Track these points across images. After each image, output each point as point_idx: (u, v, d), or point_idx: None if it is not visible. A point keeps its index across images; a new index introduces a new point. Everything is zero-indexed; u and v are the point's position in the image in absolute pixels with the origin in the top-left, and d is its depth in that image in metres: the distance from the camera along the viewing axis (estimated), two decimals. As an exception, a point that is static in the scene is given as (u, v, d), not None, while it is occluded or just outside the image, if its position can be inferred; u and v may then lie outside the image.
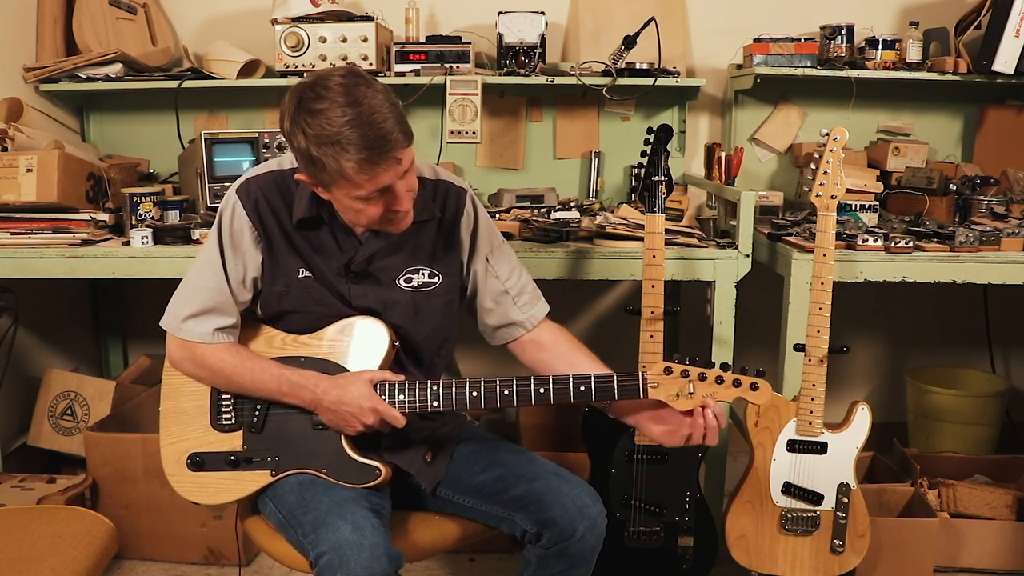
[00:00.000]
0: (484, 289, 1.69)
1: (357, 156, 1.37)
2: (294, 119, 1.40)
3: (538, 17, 2.65)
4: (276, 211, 1.56)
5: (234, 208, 1.56)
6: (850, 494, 2.01)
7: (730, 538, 2.05)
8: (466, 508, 1.65)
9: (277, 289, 1.58)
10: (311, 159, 1.40)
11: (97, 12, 2.66)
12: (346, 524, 1.41)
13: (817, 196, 1.97)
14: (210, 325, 1.56)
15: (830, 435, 2.02)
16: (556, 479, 1.59)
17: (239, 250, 1.57)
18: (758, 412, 2.02)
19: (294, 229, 1.56)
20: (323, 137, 1.37)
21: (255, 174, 1.59)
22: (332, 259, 1.58)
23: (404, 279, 1.61)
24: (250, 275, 1.58)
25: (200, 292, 1.56)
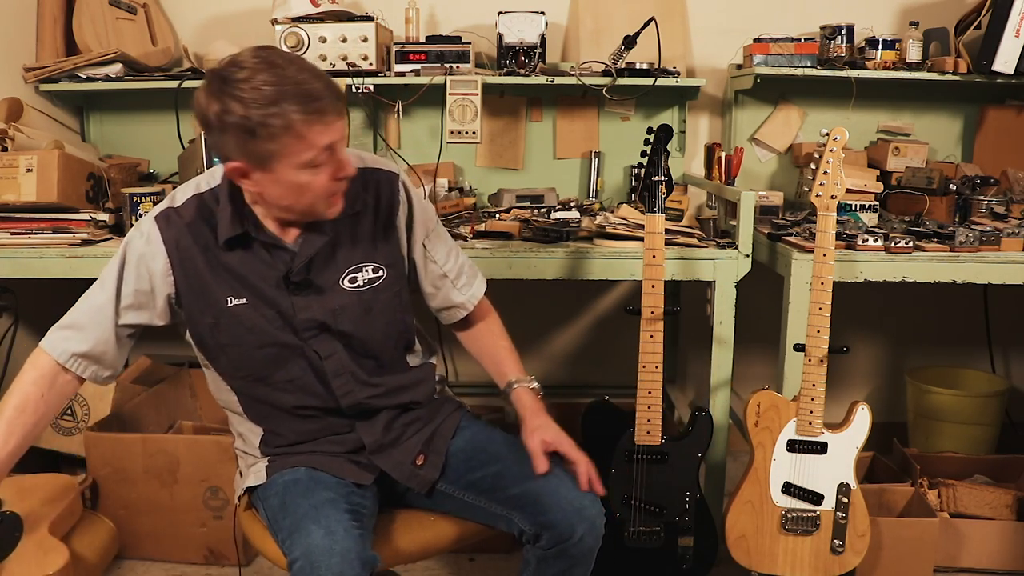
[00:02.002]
0: (424, 274, 1.68)
1: (303, 107, 1.31)
2: (221, 95, 1.32)
3: (538, 17, 2.65)
4: (200, 238, 1.50)
5: (148, 236, 1.49)
6: (850, 494, 2.00)
7: (730, 538, 2.05)
8: (464, 504, 1.64)
9: (207, 321, 1.53)
10: (250, 130, 1.32)
11: (97, 12, 2.66)
12: (319, 529, 1.40)
13: (817, 196, 1.97)
14: (70, 345, 1.51)
15: (830, 435, 2.02)
16: (555, 479, 1.56)
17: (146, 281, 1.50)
18: (758, 412, 2.02)
19: (222, 252, 1.50)
20: (263, 99, 1.30)
21: (174, 204, 1.52)
22: (268, 274, 1.52)
23: (348, 280, 1.56)
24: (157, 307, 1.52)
25: (82, 307, 1.52)
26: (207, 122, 1.37)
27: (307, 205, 1.45)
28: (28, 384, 1.51)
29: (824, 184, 1.97)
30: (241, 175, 1.41)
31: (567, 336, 3.13)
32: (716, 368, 2.26)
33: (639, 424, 2.07)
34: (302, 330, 1.55)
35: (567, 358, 3.14)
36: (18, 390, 1.51)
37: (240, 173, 1.40)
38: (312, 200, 1.43)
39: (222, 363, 1.59)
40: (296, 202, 1.44)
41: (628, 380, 2.12)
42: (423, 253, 1.66)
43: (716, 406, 2.26)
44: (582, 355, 3.14)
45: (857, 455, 2.02)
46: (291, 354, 1.56)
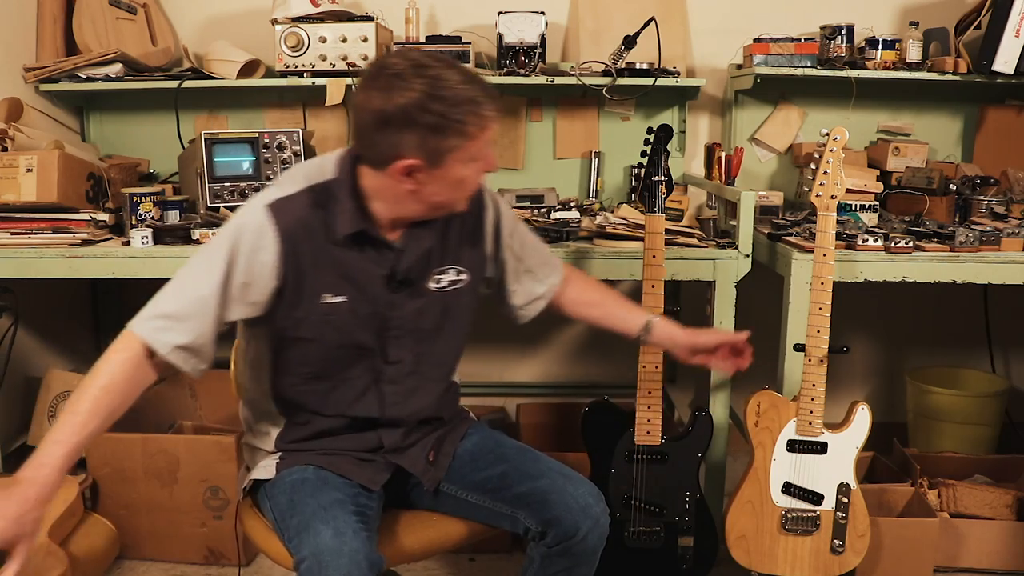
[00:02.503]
0: (512, 274, 1.71)
1: (485, 105, 1.37)
2: (410, 89, 1.33)
3: (538, 17, 2.65)
4: (311, 231, 1.46)
5: (260, 227, 1.44)
6: (850, 494, 2.01)
7: (730, 538, 2.05)
8: (468, 504, 1.65)
9: (296, 315, 1.50)
10: (440, 127, 1.35)
11: (97, 12, 2.66)
12: (327, 529, 1.40)
13: (817, 196, 1.97)
14: (172, 337, 1.41)
15: (830, 435, 2.02)
16: (561, 478, 1.59)
17: (251, 273, 1.45)
18: (758, 412, 2.02)
19: (332, 247, 1.48)
20: (457, 97, 1.34)
21: (286, 193, 1.47)
22: (374, 272, 1.52)
23: (434, 280, 1.58)
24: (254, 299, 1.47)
25: (183, 296, 1.44)
26: (386, 118, 1.36)
27: (453, 200, 1.48)
28: (117, 365, 1.40)
29: (824, 184, 1.97)
30: (407, 172, 1.40)
31: (567, 336, 3.13)
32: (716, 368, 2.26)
33: (639, 424, 2.07)
34: (389, 329, 1.56)
35: (567, 358, 3.14)
36: (105, 370, 1.39)
37: (407, 171, 1.40)
38: (460, 195, 1.48)
39: (290, 355, 1.55)
40: (448, 198, 1.47)
41: (628, 380, 2.12)
42: (511, 253, 1.69)
43: (716, 406, 2.26)
44: (582, 355, 3.13)
45: (857, 455, 2.02)
46: (362, 356, 1.57)
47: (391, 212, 1.49)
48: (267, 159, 2.41)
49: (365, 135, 1.41)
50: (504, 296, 1.74)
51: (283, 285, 1.47)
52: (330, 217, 1.47)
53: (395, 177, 1.42)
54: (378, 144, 1.40)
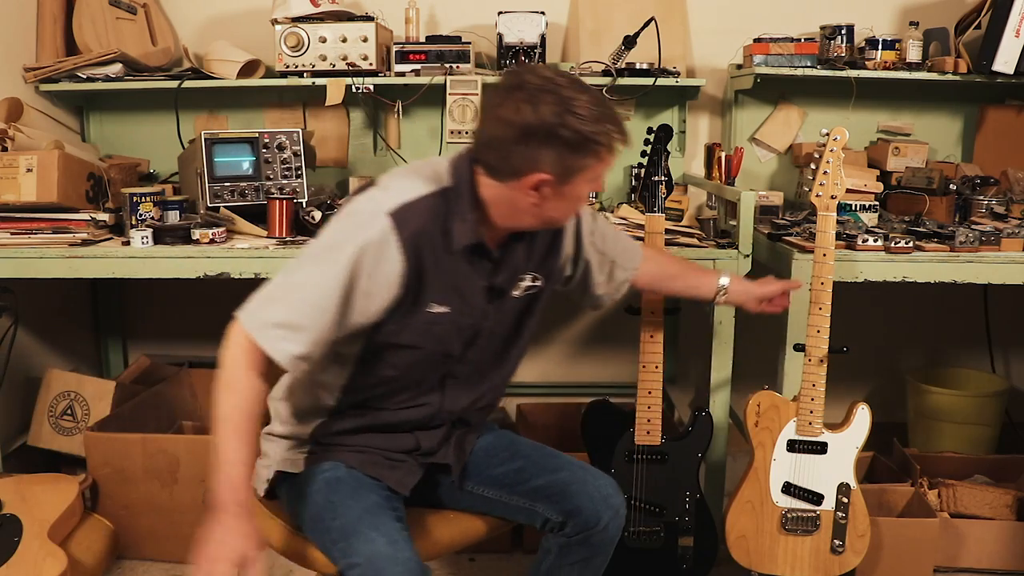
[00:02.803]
0: (596, 268, 1.73)
1: (619, 128, 1.39)
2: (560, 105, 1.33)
3: (538, 17, 2.65)
4: (430, 239, 1.43)
5: (383, 240, 1.39)
6: (850, 494, 2.01)
7: (730, 538, 2.05)
8: (484, 500, 1.67)
9: (401, 320, 1.47)
10: (578, 144, 1.35)
11: (97, 12, 2.66)
12: (380, 536, 1.39)
13: (817, 196, 1.97)
14: (292, 348, 1.38)
15: (830, 435, 2.02)
16: (581, 470, 1.63)
17: (373, 285, 1.41)
18: (758, 412, 2.02)
19: (445, 256, 1.45)
20: (595, 117, 1.35)
21: (408, 199, 1.42)
22: (477, 283, 1.52)
23: (515, 288, 1.59)
24: (373, 311, 1.43)
25: (302, 306, 1.39)
26: (530, 131, 1.35)
27: (565, 217, 1.51)
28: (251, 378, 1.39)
29: (824, 184, 1.96)
30: (535, 187, 1.39)
31: (567, 336, 3.12)
32: (716, 368, 2.26)
33: (639, 424, 2.07)
34: (477, 338, 1.57)
35: (567, 358, 3.14)
36: (238, 389, 1.38)
37: (537, 185, 1.39)
38: (573, 212, 1.52)
39: (380, 358, 1.52)
40: (562, 215, 1.48)
41: (628, 380, 2.12)
42: (595, 250, 1.71)
43: (716, 406, 2.26)
44: (582, 355, 3.13)
45: (857, 455, 2.02)
46: (445, 363, 1.57)
47: (503, 223, 1.48)
48: (267, 159, 2.41)
49: (500, 146, 1.38)
50: (588, 288, 1.76)
51: (402, 295, 1.45)
52: (448, 226, 1.45)
53: (522, 190, 1.40)
54: (513, 156, 1.38)
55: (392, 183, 1.47)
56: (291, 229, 2.29)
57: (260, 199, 2.39)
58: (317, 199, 2.47)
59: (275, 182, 2.42)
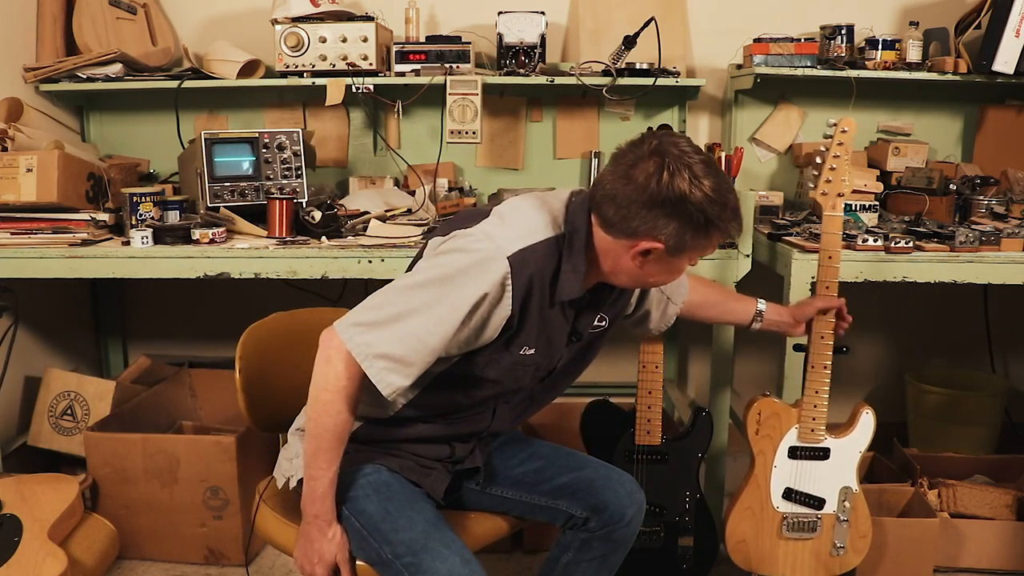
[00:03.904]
0: (655, 305, 1.77)
1: (738, 222, 1.41)
2: (693, 184, 1.33)
3: (538, 17, 2.65)
4: (539, 284, 1.43)
5: (501, 285, 1.38)
6: (852, 498, 1.99)
7: (730, 543, 2.04)
8: (504, 500, 1.68)
9: (492, 356, 1.48)
10: (702, 225, 1.35)
11: (97, 12, 2.66)
12: (453, 555, 1.40)
13: (823, 194, 1.89)
14: (398, 380, 1.38)
15: (833, 440, 1.99)
16: (603, 467, 1.67)
17: (482, 327, 1.42)
18: (758, 420, 1.99)
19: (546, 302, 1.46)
20: (724, 202, 1.36)
21: (529, 243, 1.40)
22: (564, 328, 1.53)
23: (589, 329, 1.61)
24: (472, 347, 1.45)
25: (411, 341, 1.37)
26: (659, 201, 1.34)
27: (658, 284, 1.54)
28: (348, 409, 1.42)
29: (830, 181, 1.89)
30: (645, 252, 1.39)
31: (567, 336, 3.12)
32: (716, 368, 2.26)
33: (639, 424, 2.07)
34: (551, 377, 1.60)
35: (567, 358, 3.14)
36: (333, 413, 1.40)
37: (648, 251, 1.39)
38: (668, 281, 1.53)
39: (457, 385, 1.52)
40: (661, 280, 1.50)
41: (628, 380, 2.12)
42: (659, 291, 1.75)
43: (716, 406, 2.26)
44: (582, 355, 3.13)
45: (861, 459, 1.99)
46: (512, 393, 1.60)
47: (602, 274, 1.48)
48: (267, 159, 2.41)
49: (624, 204, 1.36)
50: (645, 324, 1.80)
51: (503, 335, 1.45)
52: (556, 275, 1.44)
53: (630, 252, 1.40)
54: (635, 218, 1.36)
55: (512, 218, 1.44)
56: (291, 229, 2.29)
57: (260, 199, 2.39)
58: (317, 199, 2.47)
59: (275, 182, 2.42)
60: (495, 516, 1.71)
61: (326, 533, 1.46)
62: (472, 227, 1.43)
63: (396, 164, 2.91)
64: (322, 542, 1.46)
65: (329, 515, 1.47)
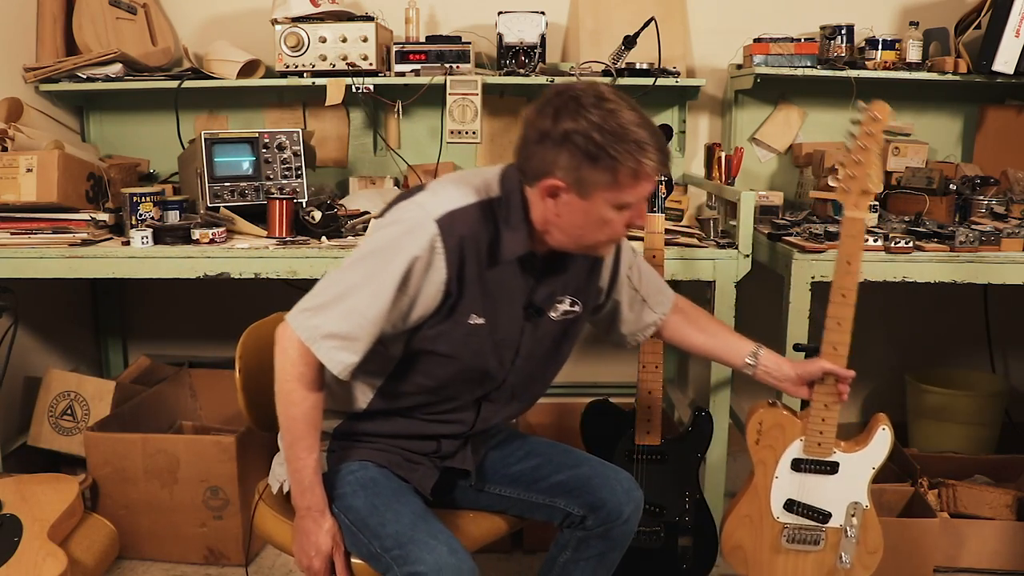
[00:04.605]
0: (626, 304, 1.71)
1: (655, 156, 1.34)
2: (578, 112, 1.32)
3: (538, 17, 2.65)
4: (475, 248, 1.43)
5: (431, 248, 1.39)
6: (862, 514, 1.85)
7: (726, 547, 1.94)
8: (502, 499, 1.68)
9: (440, 327, 1.46)
10: (594, 156, 1.32)
11: (97, 12, 2.66)
12: (440, 544, 1.40)
13: (844, 191, 1.64)
14: (347, 358, 1.41)
15: (843, 455, 1.84)
16: (600, 465, 1.66)
17: (419, 293, 1.42)
18: (759, 430, 1.87)
19: (486, 267, 1.45)
20: (623, 131, 1.32)
21: (456, 206, 1.42)
22: (515, 298, 1.51)
23: (553, 310, 1.57)
24: (415, 317, 1.44)
25: (354, 316, 1.40)
26: (545, 135, 1.35)
27: (592, 241, 1.44)
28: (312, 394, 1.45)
29: (854, 177, 1.60)
30: (551, 193, 1.38)
31: (567, 336, 3.12)
32: (716, 368, 2.26)
33: (639, 424, 2.07)
34: (516, 357, 1.56)
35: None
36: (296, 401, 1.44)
37: (552, 191, 1.38)
38: (601, 239, 1.44)
39: (417, 367, 1.52)
40: (587, 235, 1.43)
41: (628, 380, 2.12)
42: (629, 285, 1.70)
43: (716, 406, 2.26)
44: (582, 355, 3.13)
45: (873, 476, 1.84)
46: (481, 381, 1.56)
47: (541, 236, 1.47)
48: (267, 159, 2.41)
49: (524, 147, 1.39)
50: (616, 324, 1.74)
51: (444, 301, 1.44)
52: (495, 238, 1.44)
53: (541, 196, 1.40)
54: (533, 157, 1.38)
55: (441, 189, 1.46)
56: (291, 229, 2.29)
57: (260, 199, 2.39)
58: (317, 199, 2.47)
59: (275, 182, 2.42)
60: (493, 515, 1.71)
61: (321, 524, 1.48)
62: (405, 201, 1.47)
63: (396, 164, 2.91)
64: (318, 534, 1.47)
65: (321, 504, 1.48)
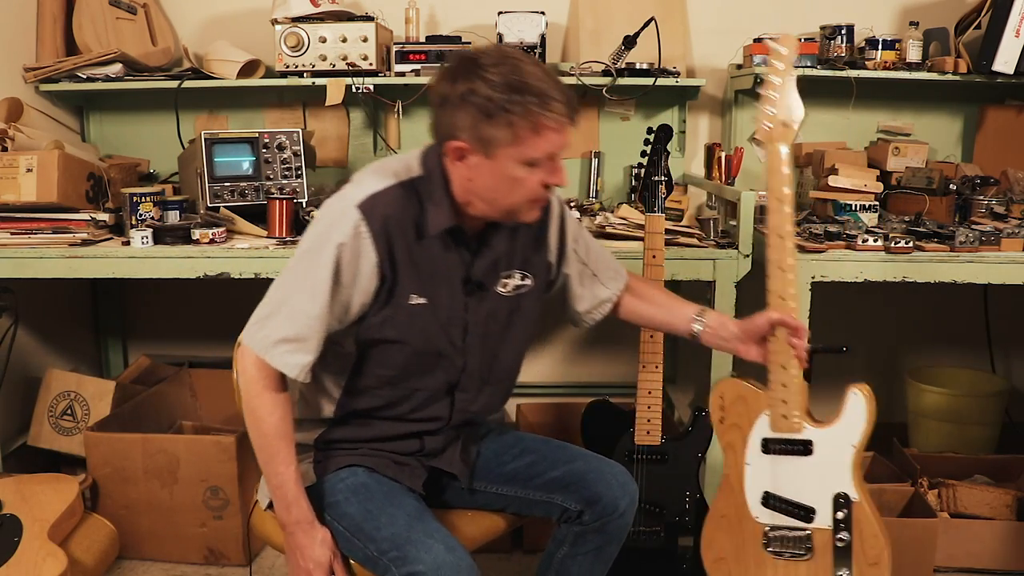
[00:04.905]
0: (575, 279, 1.70)
1: (544, 105, 1.33)
2: (472, 72, 1.34)
3: (538, 17, 2.65)
4: (402, 229, 1.44)
5: (356, 231, 1.41)
6: (851, 507, 1.60)
7: (707, 559, 1.72)
8: (499, 497, 1.68)
9: (385, 313, 1.47)
10: (489, 112, 1.33)
11: (97, 12, 2.66)
12: (437, 543, 1.40)
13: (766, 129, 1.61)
14: (301, 359, 1.43)
15: (816, 432, 1.59)
16: (594, 459, 1.66)
17: (354, 280, 1.43)
18: (722, 406, 1.66)
19: (417, 246, 1.46)
20: (519, 85, 1.32)
21: (376, 189, 1.43)
22: (453, 274, 1.51)
23: (501, 285, 1.57)
24: (356, 305, 1.46)
25: (299, 317, 1.42)
26: (445, 99, 1.37)
27: (511, 204, 1.44)
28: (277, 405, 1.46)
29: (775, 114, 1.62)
30: (459, 156, 1.40)
31: (567, 336, 3.12)
32: (716, 368, 2.26)
33: (639, 424, 2.07)
34: (468, 334, 1.55)
35: (567, 358, 3.14)
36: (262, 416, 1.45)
37: (459, 154, 1.40)
38: (517, 200, 1.43)
39: (372, 358, 1.52)
40: (502, 197, 1.43)
41: (628, 380, 2.12)
42: (577, 258, 1.69)
43: (716, 406, 2.26)
44: (582, 355, 3.13)
45: (856, 456, 1.59)
46: (440, 363, 1.55)
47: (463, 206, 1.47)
48: (267, 159, 2.41)
49: (432, 115, 1.43)
50: (569, 301, 1.74)
51: (381, 284, 1.46)
52: (422, 214, 1.46)
53: (451, 162, 1.42)
54: (438, 123, 1.41)
55: (362, 178, 1.48)
56: (291, 229, 2.29)
57: (260, 199, 2.39)
58: (317, 199, 2.47)
59: (275, 182, 2.42)
60: (491, 514, 1.71)
61: (314, 536, 1.46)
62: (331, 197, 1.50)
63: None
64: (312, 547, 1.46)
65: (309, 515, 1.46)
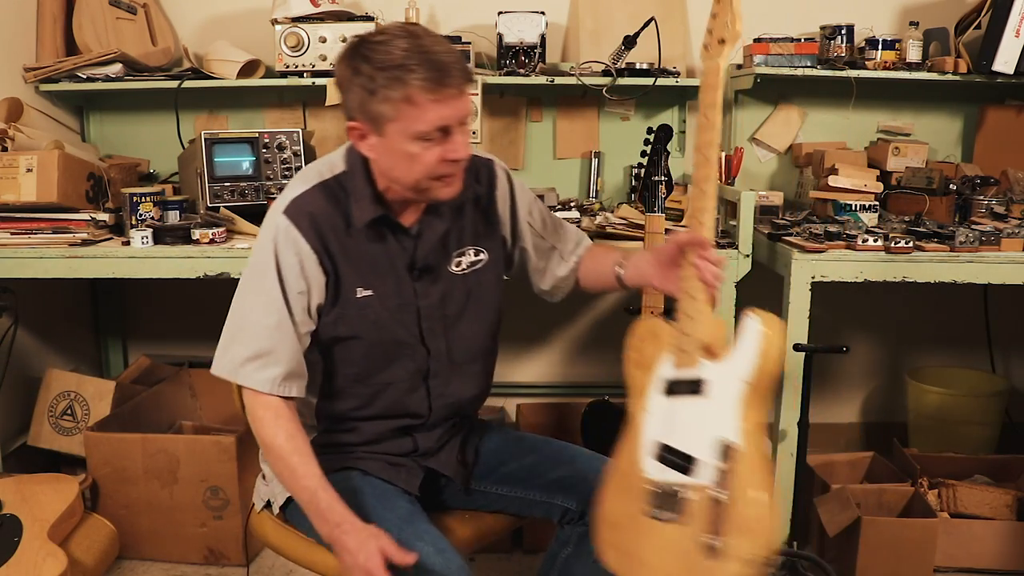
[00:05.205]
0: (533, 252, 1.69)
1: (423, 75, 1.32)
2: (352, 56, 1.37)
3: (538, 17, 2.65)
4: (332, 225, 1.46)
5: (287, 234, 1.43)
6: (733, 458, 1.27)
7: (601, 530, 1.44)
8: (499, 498, 1.67)
9: (335, 311, 1.49)
10: (371, 90, 1.35)
11: (97, 12, 2.66)
12: (426, 545, 1.39)
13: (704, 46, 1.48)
14: (271, 372, 1.43)
15: (709, 366, 1.33)
16: (595, 460, 1.63)
17: (303, 279, 1.45)
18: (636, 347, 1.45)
19: (351, 239, 1.47)
20: (387, 62, 1.33)
21: (296, 193, 1.46)
22: (395, 261, 1.52)
23: (454, 264, 1.57)
24: (315, 303, 1.47)
25: (259, 331, 1.43)
26: (339, 82, 1.40)
27: (414, 181, 1.42)
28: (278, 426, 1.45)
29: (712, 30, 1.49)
30: (359, 136, 1.42)
31: (567, 336, 3.13)
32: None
33: (639, 424, 2.06)
34: (422, 319, 1.54)
35: (567, 358, 3.14)
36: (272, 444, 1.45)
37: (359, 134, 1.42)
38: (420, 176, 1.41)
39: (334, 358, 1.54)
40: (404, 175, 1.42)
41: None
42: (532, 230, 1.68)
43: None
44: (582, 355, 3.14)
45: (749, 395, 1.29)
46: (403, 352, 1.55)
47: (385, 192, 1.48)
48: (267, 159, 2.41)
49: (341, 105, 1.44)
50: (532, 276, 1.72)
51: (327, 279, 1.47)
52: (348, 208, 1.47)
53: (354, 140, 1.44)
54: (344, 107, 1.43)
55: (288, 187, 1.51)
56: (291, 229, 2.29)
57: (260, 199, 2.39)
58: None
59: (275, 182, 2.42)
60: (491, 515, 1.70)
61: (362, 535, 1.36)
62: None
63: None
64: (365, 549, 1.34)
65: (349, 515, 1.39)
